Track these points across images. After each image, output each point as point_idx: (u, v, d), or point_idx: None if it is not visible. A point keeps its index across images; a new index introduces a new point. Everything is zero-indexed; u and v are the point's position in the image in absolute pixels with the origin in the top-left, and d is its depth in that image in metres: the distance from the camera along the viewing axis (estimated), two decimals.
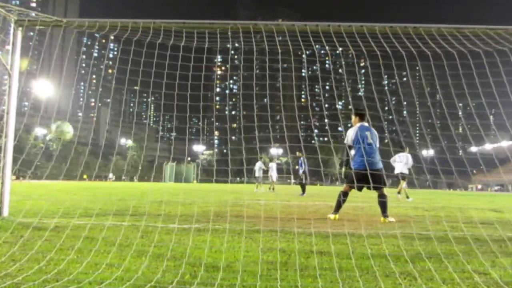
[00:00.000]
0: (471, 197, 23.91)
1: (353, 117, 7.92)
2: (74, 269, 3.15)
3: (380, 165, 7.54)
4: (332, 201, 13.68)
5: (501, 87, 5.92)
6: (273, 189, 24.27)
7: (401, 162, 16.31)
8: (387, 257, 3.85)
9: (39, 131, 77.63)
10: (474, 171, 72.12)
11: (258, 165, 25.22)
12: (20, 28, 6.69)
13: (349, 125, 7.96)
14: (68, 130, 13.35)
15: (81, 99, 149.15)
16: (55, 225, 5.49)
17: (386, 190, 7.53)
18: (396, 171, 16.50)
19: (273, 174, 25.27)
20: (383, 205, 7.35)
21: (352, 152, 7.62)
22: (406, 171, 16.42)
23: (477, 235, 5.41)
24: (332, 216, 7.51)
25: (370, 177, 6.27)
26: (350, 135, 7.64)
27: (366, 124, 7.73)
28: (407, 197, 16.01)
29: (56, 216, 6.48)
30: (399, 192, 16.67)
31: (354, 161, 7.53)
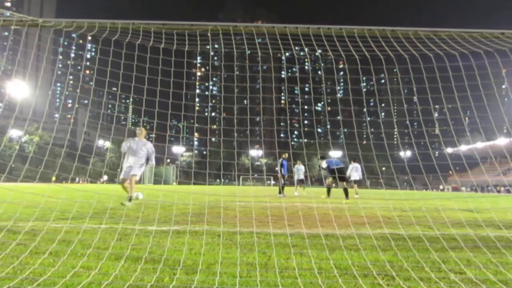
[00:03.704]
0: (446, 197, 24.37)
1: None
2: (50, 273, 3.09)
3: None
4: (311, 202, 13.81)
5: (476, 90, 6.06)
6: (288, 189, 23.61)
7: (357, 171, 22.06)
8: (365, 257, 3.89)
9: (14, 132, 75.84)
10: (450, 172, 73.64)
11: (297, 167, 24.28)
12: None
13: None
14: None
15: (58, 100, 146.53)
16: (30, 228, 5.37)
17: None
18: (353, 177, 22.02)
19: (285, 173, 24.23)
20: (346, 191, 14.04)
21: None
22: (358, 178, 22.14)
23: (452, 235, 5.52)
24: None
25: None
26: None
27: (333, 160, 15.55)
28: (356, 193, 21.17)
29: (31, 219, 6.33)
30: (357, 193, 21.30)
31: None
